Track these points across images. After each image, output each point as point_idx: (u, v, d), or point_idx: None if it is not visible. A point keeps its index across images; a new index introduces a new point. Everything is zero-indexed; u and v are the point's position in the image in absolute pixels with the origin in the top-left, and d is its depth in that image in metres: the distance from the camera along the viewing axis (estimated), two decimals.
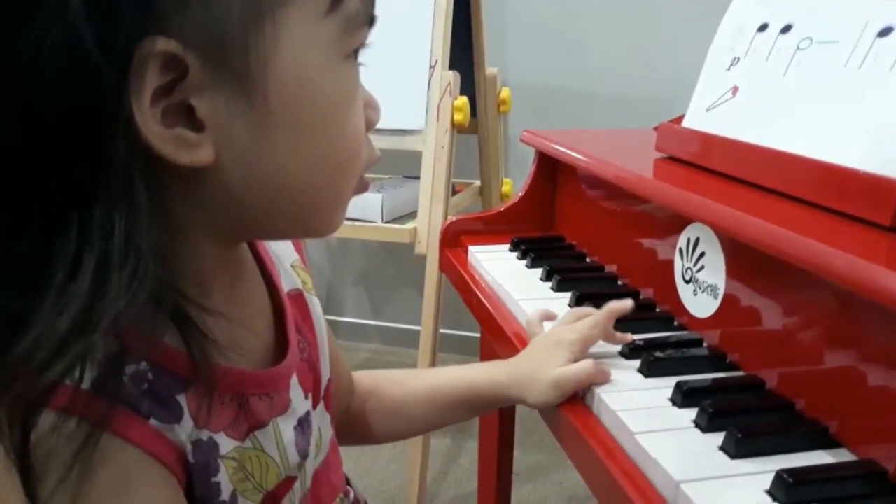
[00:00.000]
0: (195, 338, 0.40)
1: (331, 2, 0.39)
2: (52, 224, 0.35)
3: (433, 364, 1.49)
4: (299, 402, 0.50)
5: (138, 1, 0.34)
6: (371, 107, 0.45)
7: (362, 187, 0.46)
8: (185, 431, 0.41)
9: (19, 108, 0.34)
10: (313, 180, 0.42)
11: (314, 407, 0.53)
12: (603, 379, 0.64)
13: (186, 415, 0.41)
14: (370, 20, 0.42)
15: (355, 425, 0.67)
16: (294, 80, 0.39)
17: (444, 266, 1.10)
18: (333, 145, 0.42)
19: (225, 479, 0.43)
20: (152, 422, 0.39)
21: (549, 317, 0.76)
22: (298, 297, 0.55)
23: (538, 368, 0.65)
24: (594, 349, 0.69)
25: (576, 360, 0.65)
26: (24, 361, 0.34)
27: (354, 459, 1.66)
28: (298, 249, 0.58)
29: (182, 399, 0.41)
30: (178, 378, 0.41)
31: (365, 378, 0.69)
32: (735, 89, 0.80)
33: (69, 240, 0.35)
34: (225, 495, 0.43)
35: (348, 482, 0.60)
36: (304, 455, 0.50)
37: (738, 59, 0.81)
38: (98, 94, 0.34)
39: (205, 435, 0.42)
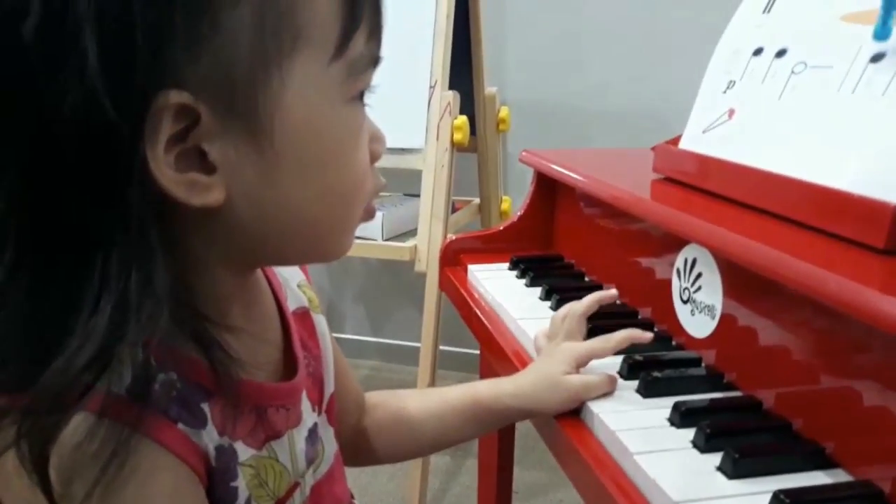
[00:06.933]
0: (216, 354, 0.42)
1: (335, 49, 0.41)
2: (79, 265, 0.37)
3: (433, 381, 1.50)
4: (308, 414, 0.53)
5: (152, 57, 0.36)
6: (377, 140, 0.47)
7: (369, 215, 0.48)
8: (209, 437, 0.43)
9: (45, 157, 0.36)
10: (320, 212, 0.44)
11: (319, 416, 0.55)
12: (611, 388, 0.66)
13: (210, 422, 0.43)
14: (375, 62, 0.44)
15: (364, 444, 0.68)
16: (300, 125, 0.41)
17: (444, 284, 1.11)
18: (338, 180, 0.44)
19: (242, 484, 0.45)
20: (180, 426, 0.41)
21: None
22: (305, 315, 0.57)
23: (544, 377, 0.67)
24: (594, 363, 0.69)
25: (578, 368, 0.68)
26: (44, 389, 0.36)
27: (354, 477, 1.63)
28: (303, 269, 0.61)
29: (206, 407, 0.43)
30: (202, 387, 0.43)
31: (374, 397, 0.70)
32: (731, 112, 0.81)
33: (93, 280, 0.37)
34: (241, 500, 0.45)
35: (352, 497, 0.61)
36: (310, 462, 0.52)
37: (734, 82, 0.82)
38: (114, 146, 0.36)
39: (226, 441, 0.44)
